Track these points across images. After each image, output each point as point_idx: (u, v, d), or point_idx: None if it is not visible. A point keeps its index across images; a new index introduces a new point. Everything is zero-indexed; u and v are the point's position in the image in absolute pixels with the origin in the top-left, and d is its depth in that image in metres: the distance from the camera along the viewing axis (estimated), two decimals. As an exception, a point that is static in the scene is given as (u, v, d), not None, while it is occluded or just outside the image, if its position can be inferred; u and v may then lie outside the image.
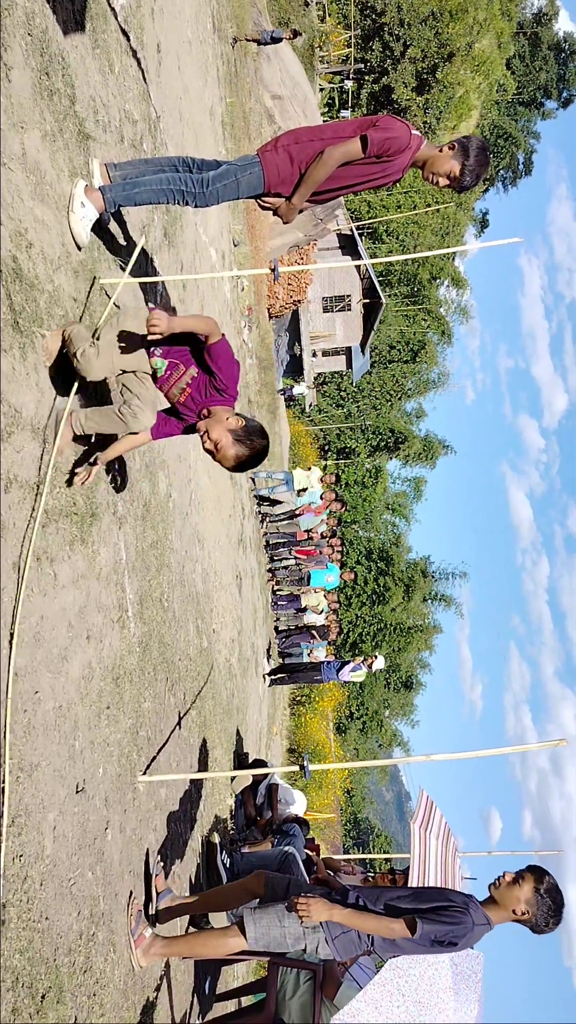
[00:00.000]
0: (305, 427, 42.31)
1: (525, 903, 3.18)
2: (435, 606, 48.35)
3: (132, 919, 3.15)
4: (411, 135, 3.44)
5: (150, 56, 5.17)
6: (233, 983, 5.77)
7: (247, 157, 3.52)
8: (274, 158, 3.48)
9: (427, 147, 3.55)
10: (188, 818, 4.65)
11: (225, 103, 10.89)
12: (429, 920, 3.11)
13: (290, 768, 3.89)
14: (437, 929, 3.08)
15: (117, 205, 3.34)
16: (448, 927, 3.09)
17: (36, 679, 2.42)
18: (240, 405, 10.97)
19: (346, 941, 3.34)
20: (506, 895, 3.22)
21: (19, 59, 2.66)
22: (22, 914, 2.21)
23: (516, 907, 3.19)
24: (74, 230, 3.06)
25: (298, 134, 3.55)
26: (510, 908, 3.20)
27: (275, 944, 3.37)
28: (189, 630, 5.25)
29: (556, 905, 3.17)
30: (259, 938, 3.36)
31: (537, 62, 59.38)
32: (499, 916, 3.23)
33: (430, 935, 3.08)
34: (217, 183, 3.46)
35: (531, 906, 3.17)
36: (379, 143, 3.37)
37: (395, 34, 38.17)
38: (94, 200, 3.18)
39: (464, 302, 50.62)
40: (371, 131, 3.38)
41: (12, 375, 2.43)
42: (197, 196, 3.46)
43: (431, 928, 3.08)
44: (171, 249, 5.57)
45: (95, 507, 3.13)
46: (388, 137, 3.37)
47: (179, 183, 3.42)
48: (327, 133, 3.49)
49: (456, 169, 3.51)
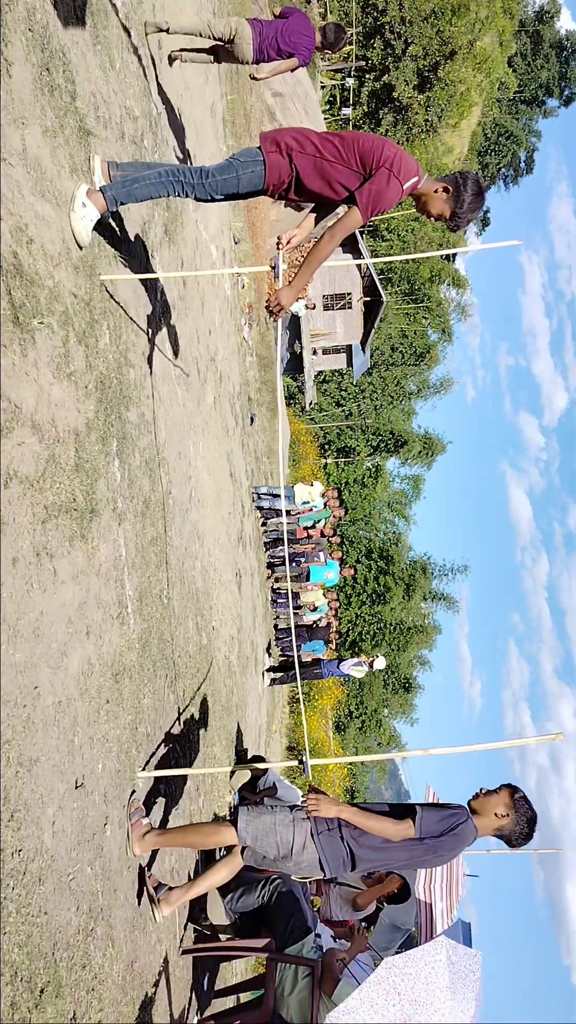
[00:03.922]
0: (305, 425, 42.30)
1: (504, 806, 3.43)
2: (435, 605, 48.39)
3: (131, 807, 3.33)
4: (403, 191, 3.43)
5: (151, 52, 5.17)
6: (232, 979, 5.78)
7: (251, 152, 3.50)
8: (278, 161, 3.47)
9: (425, 183, 3.52)
10: (186, 814, 4.66)
11: (226, 100, 10.88)
12: (428, 807, 3.37)
13: (289, 763, 3.89)
14: (436, 815, 3.33)
15: (118, 203, 3.34)
16: (447, 814, 3.35)
17: (36, 674, 2.43)
18: (240, 403, 10.98)
19: (330, 841, 3.45)
20: (485, 803, 3.47)
21: (20, 55, 2.66)
22: (21, 908, 2.22)
23: (497, 810, 3.43)
24: (75, 230, 3.06)
25: (303, 142, 3.48)
26: (491, 812, 3.44)
27: (264, 832, 3.46)
28: (189, 627, 5.25)
29: (531, 813, 3.44)
30: (248, 823, 3.48)
31: (539, 60, 59.40)
32: (482, 825, 3.44)
33: (431, 823, 3.31)
34: (218, 176, 3.46)
35: (510, 809, 3.42)
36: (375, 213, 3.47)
37: (396, 32, 38.17)
38: (95, 201, 3.18)
39: (464, 301, 50.64)
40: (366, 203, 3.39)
41: (12, 370, 2.43)
42: (196, 187, 3.46)
43: (431, 815, 3.33)
44: (171, 246, 5.57)
45: (95, 503, 3.13)
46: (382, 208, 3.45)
47: (179, 174, 3.43)
48: (331, 150, 3.44)
49: (447, 213, 3.56)
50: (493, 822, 3.44)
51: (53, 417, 2.72)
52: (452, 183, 3.50)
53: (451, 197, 3.50)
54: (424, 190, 3.53)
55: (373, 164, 3.37)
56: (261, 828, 3.48)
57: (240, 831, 3.48)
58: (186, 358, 6.07)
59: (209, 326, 7.91)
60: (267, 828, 3.48)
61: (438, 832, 3.32)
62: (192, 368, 6.39)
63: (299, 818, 3.51)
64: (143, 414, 4.16)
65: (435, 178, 3.56)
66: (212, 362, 7.93)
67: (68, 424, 2.87)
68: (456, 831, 3.32)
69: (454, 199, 3.50)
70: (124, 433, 3.71)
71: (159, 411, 4.63)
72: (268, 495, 13.10)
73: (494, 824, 3.44)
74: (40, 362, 2.65)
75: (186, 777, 4.66)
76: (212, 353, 7.98)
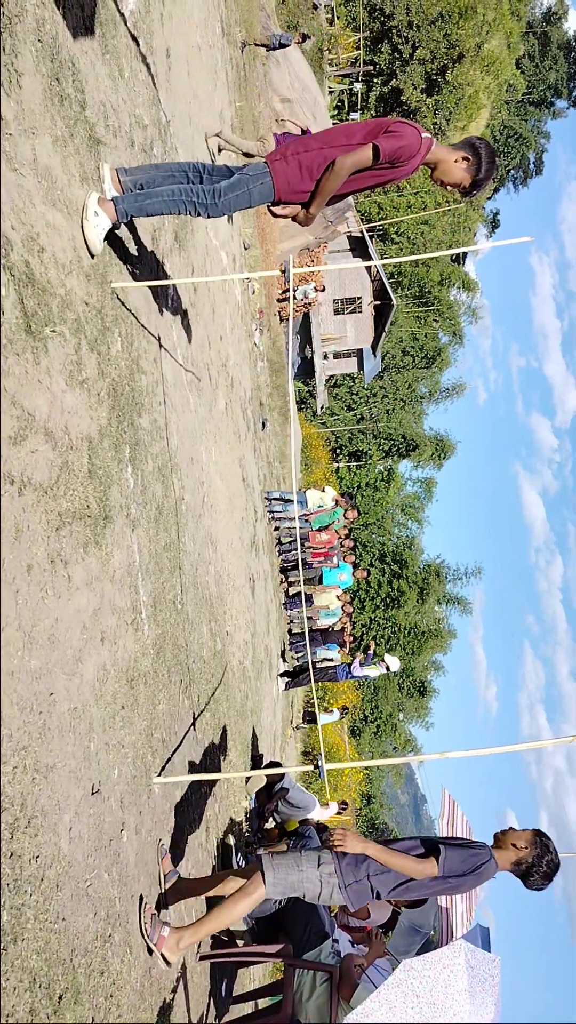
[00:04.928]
0: (317, 430, 42.30)
1: (525, 840, 3.43)
2: (449, 610, 48.21)
3: (147, 925, 3.14)
4: (421, 140, 3.43)
5: (159, 61, 5.20)
6: (250, 985, 5.76)
7: (258, 166, 3.52)
8: (283, 168, 3.48)
9: (438, 149, 3.53)
10: (203, 819, 4.66)
11: (235, 107, 10.93)
12: (452, 847, 3.35)
13: (305, 768, 3.89)
14: (460, 855, 3.32)
15: (129, 216, 3.36)
16: (470, 855, 3.34)
17: (51, 681, 2.44)
18: (251, 408, 10.99)
19: (359, 890, 3.44)
20: (507, 836, 3.48)
21: (30, 65, 2.68)
22: (39, 915, 2.22)
23: (517, 842, 3.42)
24: (88, 239, 3.08)
25: (307, 141, 3.52)
26: (510, 843, 3.43)
27: (291, 888, 3.41)
28: (203, 632, 5.25)
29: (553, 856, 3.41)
30: (277, 883, 3.39)
31: (547, 61, 59.25)
32: (501, 858, 3.43)
33: (455, 863, 3.31)
34: (229, 193, 3.46)
35: (530, 844, 3.41)
36: (390, 152, 3.36)
37: (404, 36, 38.19)
38: (107, 210, 3.20)
39: (474, 303, 50.53)
40: (382, 140, 3.35)
41: (25, 378, 2.44)
42: (209, 207, 3.47)
43: (454, 854, 3.32)
44: (182, 252, 5.59)
45: (108, 510, 3.14)
46: (400, 146, 3.37)
47: (190, 194, 3.43)
48: (337, 138, 3.47)
49: (467, 182, 3.58)
50: (511, 854, 3.43)
51: (66, 424, 2.74)
52: (469, 150, 3.53)
53: (471, 166, 3.53)
54: (440, 157, 3.54)
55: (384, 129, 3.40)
56: (289, 887, 3.41)
57: (268, 890, 3.39)
58: (197, 364, 6.09)
59: (220, 332, 7.93)
60: (294, 886, 3.42)
61: (460, 872, 3.33)
62: (204, 374, 6.41)
63: (326, 873, 3.43)
64: (155, 420, 4.18)
65: (448, 145, 3.58)
66: (223, 368, 7.95)
67: (81, 431, 2.88)
68: (479, 871, 3.33)
69: (473, 168, 3.53)
70: (137, 439, 3.72)
71: (171, 417, 4.65)
72: (280, 499, 13.11)
73: (512, 856, 3.43)
74: (53, 370, 2.66)
75: (201, 782, 4.66)
76: (223, 359, 8.00)
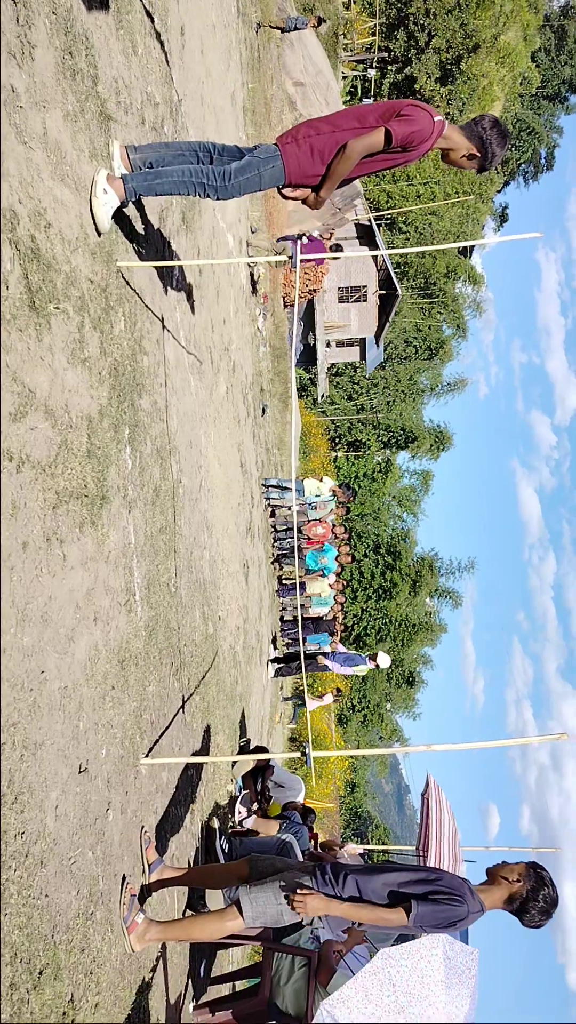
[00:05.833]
0: (316, 418, 42.22)
1: (518, 874, 3.30)
2: (441, 603, 48.38)
3: (124, 907, 3.14)
4: (434, 124, 3.40)
5: (173, 39, 5.15)
6: (228, 967, 5.81)
7: (268, 148, 3.49)
8: (295, 151, 3.45)
9: (450, 132, 3.54)
10: (188, 802, 4.68)
11: (247, 88, 10.84)
12: (426, 903, 3.16)
13: (292, 755, 3.90)
14: (433, 911, 3.14)
15: (138, 194, 3.34)
16: (444, 910, 3.15)
17: (43, 659, 2.44)
18: (252, 393, 10.96)
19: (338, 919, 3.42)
20: (502, 869, 3.35)
21: (43, 38, 2.65)
22: (22, 890, 2.23)
23: (509, 876, 3.30)
24: (96, 216, 3.06)
25: (318, 125, 3.48)
26: (500, 878, 3.31)
27: (271, 920, 3.38)
28: (195, 616, 5.26)
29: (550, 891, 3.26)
30: (256, 916, 3.36)
31: (563, 56, 58.89)
32: (492, 898, 3.30)
33: (426, 918, 3.14)
34: (239, 176, 3.43)
35: (523, 877, 3.29)
36: (403, 137, 3.33)
37: (420, 24, 37.90)
38: (116, 188, 3.17)
39: (479, 297, 50.41)
40: (395, 124, 3.32)
41: (27, 354, 2.43)
42: (219, 189, 3.44)
43: (427, 910, 3.14)
44: (188, 233, 5.56)
45: (106, 490, 3.13)
46: (412, 131, 3.34)
47: (200, 175, 3.40)
48: (349, 121, 3.44)
49: (476, 167, 3.68)
50: (503, 890, 3.30)
51: (67, 403, 2.73)
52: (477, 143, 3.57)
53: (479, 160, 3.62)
54: (451, 144, 3.59)
55: (396, 113, 3.39)
56: (268, 919, 3.37)
57: (247, 922, 3.35)
58: (200, 347, 6.06)
59: (224, 315, 7.90)
60: (274, 918, 3.36)
61: (432, 925, 3.16)
62: (206, 357, 6.38)
63: None
64: (156, 402, 4.16)
65: (459, 128, 3.62)
66: (226, 351, 7.92)
67: (81, 410, 2.87)
68: (454, 925, 3.16)
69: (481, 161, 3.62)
70: (136, 420, 3.71)
71: (171, 399, 4.63)
72: (278, 487, 13.10)
73: (503, 893, 3.29)
74: (55, 347, 2.65)
75: (188, 765, 4.68)
76: (226, 342, 7.97)
